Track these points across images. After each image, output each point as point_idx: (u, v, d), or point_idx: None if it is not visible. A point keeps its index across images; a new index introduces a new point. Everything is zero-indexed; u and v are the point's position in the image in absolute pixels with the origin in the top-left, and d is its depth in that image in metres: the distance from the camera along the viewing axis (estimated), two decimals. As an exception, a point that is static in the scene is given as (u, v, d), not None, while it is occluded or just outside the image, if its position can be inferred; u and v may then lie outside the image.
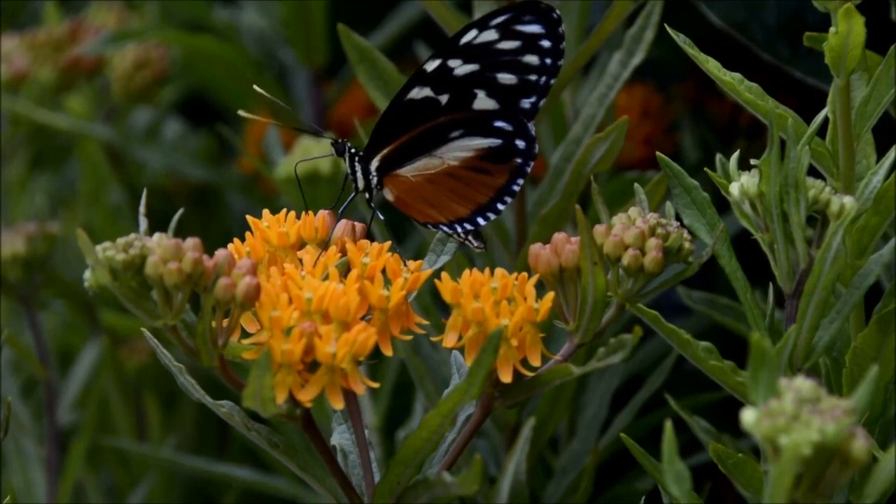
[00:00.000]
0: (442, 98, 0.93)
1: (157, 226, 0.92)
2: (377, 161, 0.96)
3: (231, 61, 1.57)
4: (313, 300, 0.89)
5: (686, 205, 0.98)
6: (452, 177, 0.94)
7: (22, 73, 1.58)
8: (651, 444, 0.94)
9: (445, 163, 0.94)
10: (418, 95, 0.94)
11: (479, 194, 0.95)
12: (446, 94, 0.93)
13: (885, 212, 1.01)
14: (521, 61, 0.93)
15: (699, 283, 1.15)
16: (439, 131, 0.94)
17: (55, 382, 1.46)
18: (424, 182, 0.95)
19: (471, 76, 0.93)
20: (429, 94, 0.93)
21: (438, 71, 0.93)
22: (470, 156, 0.94)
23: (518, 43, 0.93)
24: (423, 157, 0.95)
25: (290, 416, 0.91)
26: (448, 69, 0.93)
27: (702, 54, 1.02)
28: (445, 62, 0.92)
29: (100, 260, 0.88)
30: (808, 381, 0.81)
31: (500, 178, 0.94)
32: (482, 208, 0.96)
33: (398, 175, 0.96)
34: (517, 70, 0.93)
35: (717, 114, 1.48)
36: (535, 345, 0.92)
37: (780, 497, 0.79)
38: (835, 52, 0.97)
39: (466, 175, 0.94)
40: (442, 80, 0.93)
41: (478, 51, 0.92)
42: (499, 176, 0.94)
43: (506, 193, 0.95)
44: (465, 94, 0.93)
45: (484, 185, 0.95)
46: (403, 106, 0.94)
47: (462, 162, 0.94)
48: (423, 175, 0.95)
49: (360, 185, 0.97)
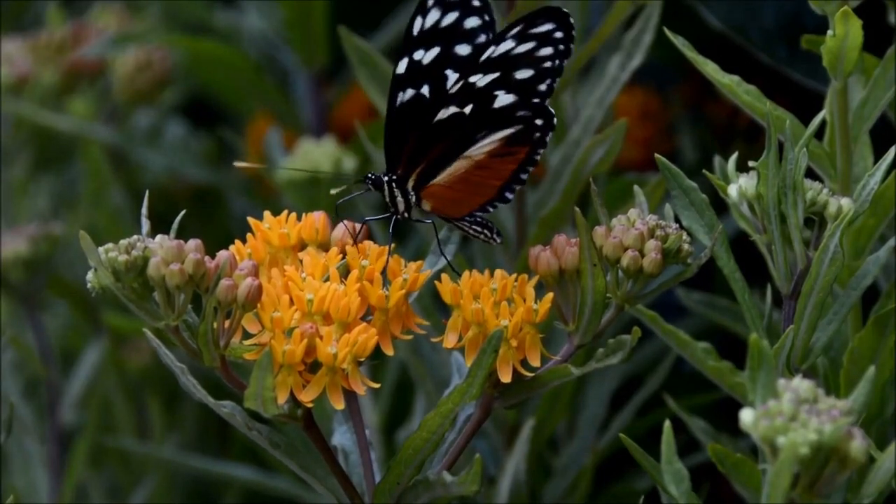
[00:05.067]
0: (466, 109, 0.94)
1: (158, 227, 0.92)
2: (412, 180, 0.97)
3: (232, 63, 1.57)
4: (314, 301, 0.90)
5: (685, 206, 0.98)
6: (480, 167, 0.96)
7: (24, 76, 1.58)
8: (650, 444, 0.94)
9: (474, 160, 0.95)
10: (445, 115, 0.95)
11: (504, 170, 0.96)
12: (470, 104, 0.94)
13: (883, 213, 1.01)
14: (536, 55, 0.94)
15: (698, 284, 1.15)
16: (466, 136, 0.95)
17: (57, 383, 1.46)
18: (456, 182, 0.96)
19: (491, 83, 0.94)
20: (455, 111, 0.94)
21: (462, 88, 0.94)
22: (496, 146, 0.95)
23: (533, 43, 0.94)
24: (454, 162, 0.96)
25: (291, 416, 0.91)
26: (470, 84, 0.94)
27: (700, 56, 1.02)
28: (467, 80, 0.94)
29: (102, 261, 0.88)
30: (806, 382, 0.81)
31: (521, 153, 0.96)
32: (508, 183, 0.97)
33: (433, 185, 0.96)
34: (533, 64, 0.94)
35: (716, 116, 1.49)
36: (535, 345, 0.92)
37: (777, 497, 0.80)
38: (832, 55, 0.98)
39: (493, 161, 0.96)
40: (466, 94, 0.94)
41: (497, 62, 0.93)
42: (521, 152, 0.96)
43: (528, 164, 0.96)
44: (486, 99, 0.94)
45: (507, 162, 0.96)
46: (432, 128, 0.95)
47: (489, 153, 0.95)
48: (455, 176, 0.96)
49: (401, 208, 0.97)
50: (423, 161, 0.96)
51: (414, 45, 0.98)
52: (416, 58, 0.98)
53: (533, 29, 0.94)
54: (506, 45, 0.94)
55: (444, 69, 0.98)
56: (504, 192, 0.97)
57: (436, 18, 0.98)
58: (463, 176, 0.96)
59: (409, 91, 0.97)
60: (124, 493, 1.55)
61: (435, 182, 0.97)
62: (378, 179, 0.97)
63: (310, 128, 1.58)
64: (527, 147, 0.96)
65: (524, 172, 0.96)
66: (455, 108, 0.94)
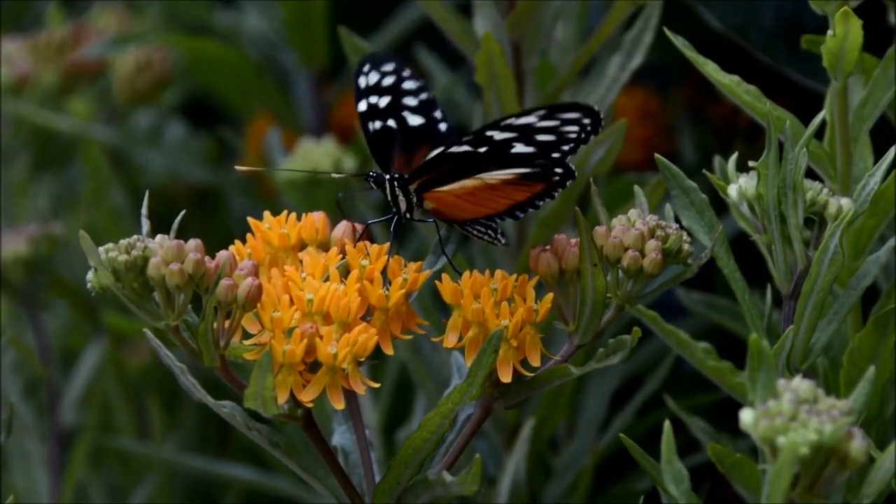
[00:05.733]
0: (481, 149, 0.94)
1: (158, 227, 0.92)
2: (416, 184, 0.97)
3: (232, 64, 1.57)
4: (314, 301, 0.90)
5: (685, 206, 0.98)
6: (493, 188, 0.96)
7: (24, 76, 1.58)
8: (650, 444, 0.94)
9: (486, 182, 0.95)
10: (457, 150, 0.95)
11: (517, 196, 0.96)
12: (485, 147, 0.94)
13: (883, 213, 1.01)
14: (560, 130, 0.94)
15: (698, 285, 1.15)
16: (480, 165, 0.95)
17: (57, 383, 1.46)
18: (464, 194, 0.96)
19: (509, 139, 0.94)
20: (467, 150, 0.95)
21: (476, 137, 0.94)
22: (511, 178, 0.95)
23: (557, 122, 0.94)
24: (464, 179, 0.96)
25: (291, 416, 0.91)
26: (486, 136, 0.94)
27: (700, 57, 1.02)
28: (483, 133, 0.94)
29: (102, 261, 0.89)
30: (806, 382, 0.81)
31: (537, 187, 0.96)
32: (520, 205, 0.97)
33: (438, 191, 0.96)
34: (556, 134, 0.94)
35: (716, 116, 1.49)
36: (535, 345, 0.92)
37: (777, 497, 0.80)
38: (832, 55, 0.98)
39: (507, 187, 0.96)
40: (480, 142, 0.94)
41: (516, 128, 0.94)
42: (536, 186, 0.96)
43: (544, 197, 0.96)
44: (503, 147, 0.94)
45: (522, 191, 0.96)
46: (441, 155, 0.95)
47: (503, 181, 0.95)
48: (464, 189, 0.96)
49: (402, 208, 0.97)
50: (430, 174, 0.96)
51: (366, 94, 1.02)
52: (371, 101, 1.02)
53: (559, 114, 0.94)
54: (527, 120, 0.94)
55: (401, 112, 1.02)
56: (514, 212, 0.97)
57: (376, 80, 1.03)
58: (472, 191, 0.96)
59: (378, 122, 1.01)
60: (124, 493, 1.55)
61: (441, 189, 0.96)
62: (380, 177, 0.97)
63: (310, 128, 1.58)
64: (543, 184, 0.95)
65: (540, 201, 0.96)
66: (468, 147, 0.94)
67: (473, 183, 0.96)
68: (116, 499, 1.56)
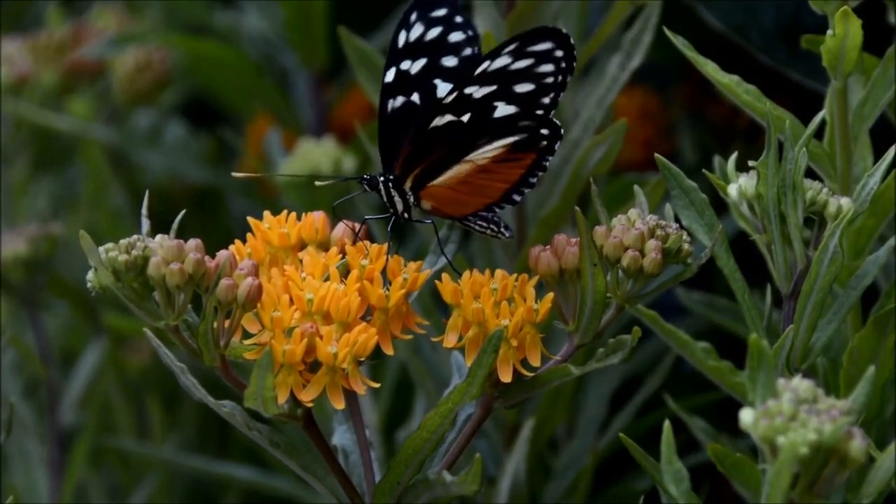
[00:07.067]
0: (464, 118, 0.94)
1: (158, 227, 0.92)
2: (410, 181, 0.97)
3: (232, 64, 1.57)
4: (314, 301, 0.90)
5: (684, 206, 0.98)
6: (484, 171, 0.96)
7: (24, 76, 1.58)
8: (650, 444, 0.94)
9: (477, 164, 0.95)
10: (441, 122, 0.94)
11: (510, 175, 0.96)
12: (467, 113, 0.94)
13: (882, 213, 1.01)
14: (535, 71, 0.94)
15: (698, 284, 1.15)
16: (467, 142, 0.95)
17: (57, 383, 1.46)
18: (458, 184, 0.96)
19: (489, 95, 0.94)
20: (451, 119, 0.94)
21: (457, 99, 0.94)
22: (500, 153, 0.95)
23: (532, 60, 0.94)
24: (456, 165, 0.96)
25: (291, 416, 0.91)
26: (466, 95, 0.94)
27: (700, 57, 1.02)
28: (462, 91, 0.94)
29: (102, 261, 0.89)
30: (806, 382, 0.81)
31: (528, 159, 0.95)
32: (515, 186, 0.97)
33: (432, 186, 0.96)
34: (533, 79, 0.94)
35: (716, 116, 1.49)
36: (535, 345, 0.92)
37: (777, 496, 0.80)
38: (832, 55, 0.98)
39: (498, 166, 0.96)
40: (462, 103, 0.94)
41: (493, 76, 0.93)
42: (527, 158, 0.95)
43: (537, 169, 0.96)
44: (485, 109, 0.94)
45: (514, 167, 0.96)
46: (428, 134, 0.95)
47: (493, 158, 0.95)
48: (457, 178, 0.96)
49: (399, 209, 0.97)
50: (421, 164, 0.96)
51: (400, 57, 0.99)
52: (403, 68, 0.99)
53: (530, 47, 0.94)
54: (502, 61, 0.94)
55: (433, 79, 0.99)
56: (511, 195, 0.97)
57: (420, 32, 1.00)
58: (465, 178, 0.96)
59: (400, 98, 0.99)
60: (124, 493, 1.55)
61: (435, 183, 0.97)
62: (373, 180, 0.97)
63: (310, 128, 1.59)
64: (533, 154, 0.96)
65: (533, 177, 0.96)
66: (451, 116, 0.94)
67: (465, 168, 0.95)
68: (116, 499, 1.56)
